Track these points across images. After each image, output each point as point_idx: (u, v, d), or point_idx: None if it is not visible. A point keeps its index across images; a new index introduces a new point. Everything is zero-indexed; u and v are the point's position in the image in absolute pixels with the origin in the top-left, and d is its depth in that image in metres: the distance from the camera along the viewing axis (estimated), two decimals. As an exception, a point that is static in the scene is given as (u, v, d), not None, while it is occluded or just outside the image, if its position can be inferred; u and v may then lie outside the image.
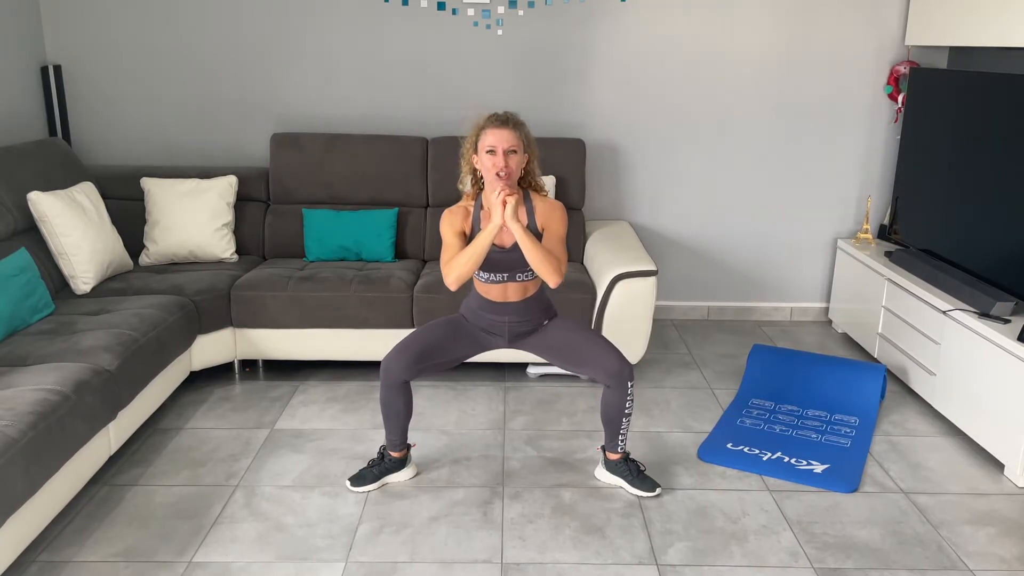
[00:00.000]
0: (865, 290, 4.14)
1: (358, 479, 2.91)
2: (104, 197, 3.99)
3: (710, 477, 3.02)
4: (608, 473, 2.96)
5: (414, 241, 4.17)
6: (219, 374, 3.84)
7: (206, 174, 4.10)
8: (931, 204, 3.87)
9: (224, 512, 2.76)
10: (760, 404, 3.56)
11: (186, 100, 4.37)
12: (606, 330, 3.62)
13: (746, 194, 4.56)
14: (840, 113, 4.44)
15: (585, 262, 4.07)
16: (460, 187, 2.78)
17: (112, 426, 2.88)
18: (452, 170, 4.12)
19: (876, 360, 4.03)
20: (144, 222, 3.98)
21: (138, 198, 4.04)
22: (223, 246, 3.96)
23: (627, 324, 3.62)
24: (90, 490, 2.87)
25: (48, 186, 3.58)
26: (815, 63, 4.36)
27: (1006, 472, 3.05)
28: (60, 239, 3.44)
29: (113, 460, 3.07)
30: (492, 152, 2.59)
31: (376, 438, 3.25)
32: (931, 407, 3.58)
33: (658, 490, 2.88)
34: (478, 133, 2.64)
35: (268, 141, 4.34)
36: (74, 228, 3.47)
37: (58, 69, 4.26)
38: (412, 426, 3.13)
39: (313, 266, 3.92)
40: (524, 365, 3.92)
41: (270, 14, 4.26)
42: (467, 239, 2.71)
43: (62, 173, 3.75)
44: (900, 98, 4.31)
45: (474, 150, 2.66)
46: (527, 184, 2.73)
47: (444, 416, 3.47)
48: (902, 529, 2.71)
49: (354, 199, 4.20)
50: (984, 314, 3.21)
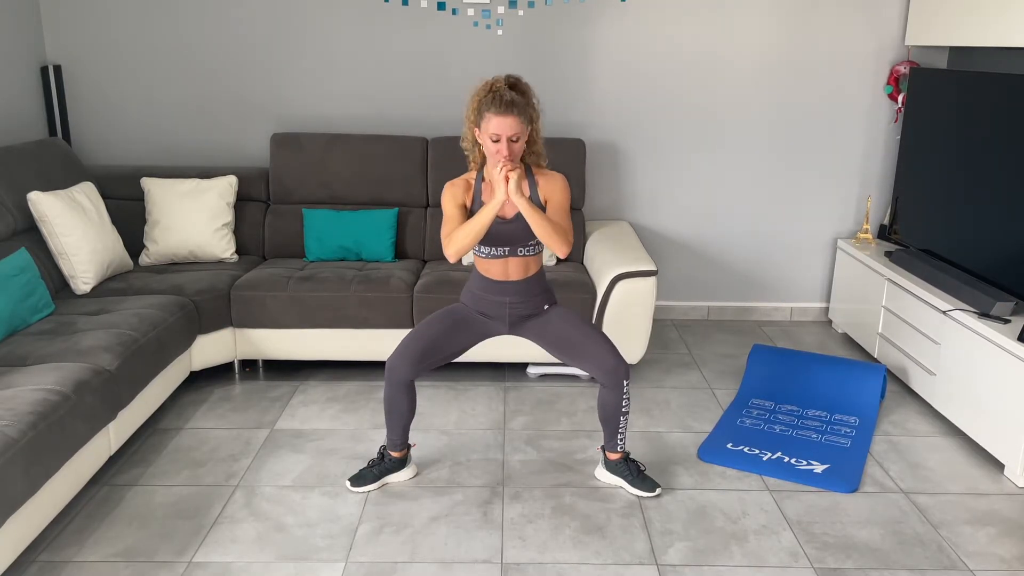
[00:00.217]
0: (865, 290, 4.14)
1: (358, 479, 2.91)
2: (104, 197, 4.00)
3: (710, 477, 3.02)
4: (608, 473, 2.96)
5: (414, 241, 4.17)
6: (219, 374, 3.84)
7: (206, 174, 4.10)
8: (931, 204, 3.87)
9: (224, 512, 2.76)
10: (760, 404, 3.56)
11: (186, 100, 4.37)
12: (606, 330, 3.62)
13: (746, 194, 4.56)
14: (840, 113, 4.44)
15: (585, 262, 4.07)
16: (464, 149, 2.75)
17: (112, 426, 2.88)
18: (452, 170, 4.13)
19: (876, 360, 4.03)
20: (144, 222, 3.98)
21: (138, 198, 4.04)
22: (223, 246, 3.96)
23: (627, 324, 3.62)
24: (90, 490, 2.87)
25: (48, 186, 3.58)
26: (815, 63, 4.36)
27: (1006, 472, 3.05)
28: (60, 239, 3.44)
29: (113, 460, 3.07)
30: (496, 139, 2.56)
31: (376, 438, 3.25)
32: (931, 407, 3.58)
33: (658, 490, 2.88)
34: (479, 111, 2.58)
35: (268, 141, 4.34)
36: (74, 228, 3.47)
37: (58, 69, 4.26)
38: (412, 426, 3.13)
39: (313, 266, 3.92)
40: (524, 365, 3.92)
41: (270, 14, 4.26)
42: (468, 212, 2.71)
43: (62, 173, 3.75)
44: (900, 98, 4.31)
45: (475, 124, 2.62)
46: (528, 154, 2.71)
47: (444, 416, 3.47)
48: (902, 529, 2.71)
49: (354, 199, 4.20)
50: (984, 314, 3.20)
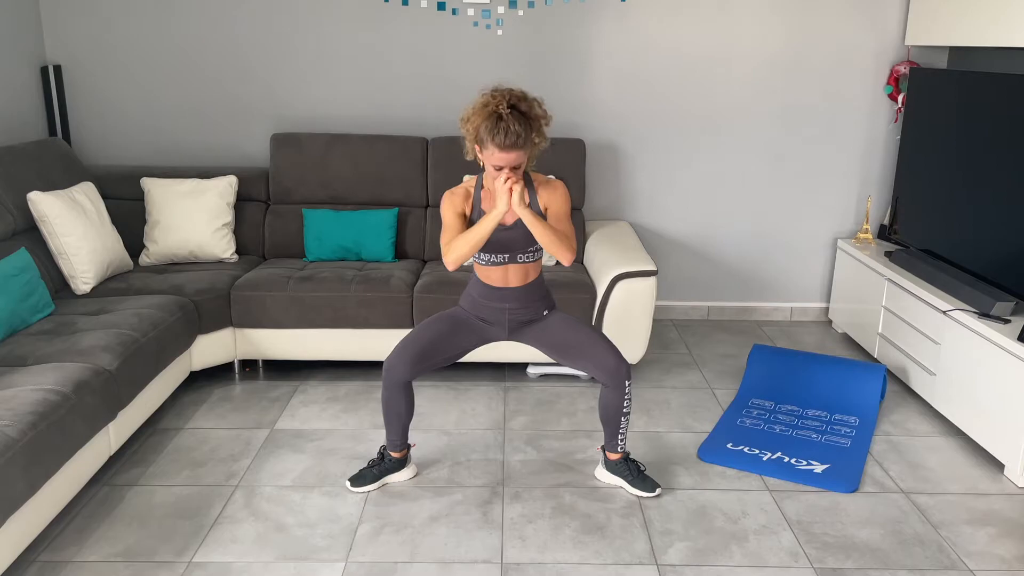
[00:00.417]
0: (865, 290, 4.14)
1: (358, 479, 2.91)
2: (104, 197, 4.00)
3: (710, 477, 3.02)
4: (608, 473, 2.96)
5: (414, 241, 4.17)
6: (219, 374, 3.84)
7: (206, 174, 4.10)
8: (931, 204, 3.87)
9: (224, 512, 2.76)
10: (760, 404, 3.56)
11: (186, 100, 4.37)
12: (606, 330, 3.62)
13: (746, 194, 4.56)
14: (840, 113, 4.44)
15: (585, 262, 4.07)
16: (466, 156, 2.74)
17: (112, 426, 2.88)
18: (452, 170, 4.14)
19: (876, 360, 4.03)
20: (144, 222, 3.98)
21: (138, 198, 4.04)
22: (223, 246, 3.96)
23: (627, 324, 3.62)
24: (90, 490, 2.87)
25: (48, 186, 3.58)
26: (815, 63, 4.36)
27: (1006, 472, 3.05)
28: (60, 239, 3.44)
29: (113, 460, 3.07)
30: (499, 168, 2.54)
31: (376, 438, 3.25)
32: (931, 407, 3.58)
33: (658, 490, 2.88)
34: (480, 136, 2.55)
35: (268, 141, 4.34)
36: (74, 228, 3.47)
37: (58, 69, 4.26)
38: (412, 426, 3.13)
39: (313, 266, 3.92)
40: (524, 365, 3.92)
41: (270, 14, 4.26)
42: (467, 220, 2.71)
43: (62, 173, 3.75)
44: (900, 98, 4.31)
45: (476, 142, 2.58)
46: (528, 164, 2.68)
47: (444, 416, 3.46)
48: (902, 529, 2.71)
49: (354, 199, 4.20)
50: (984, 314, 3.20)
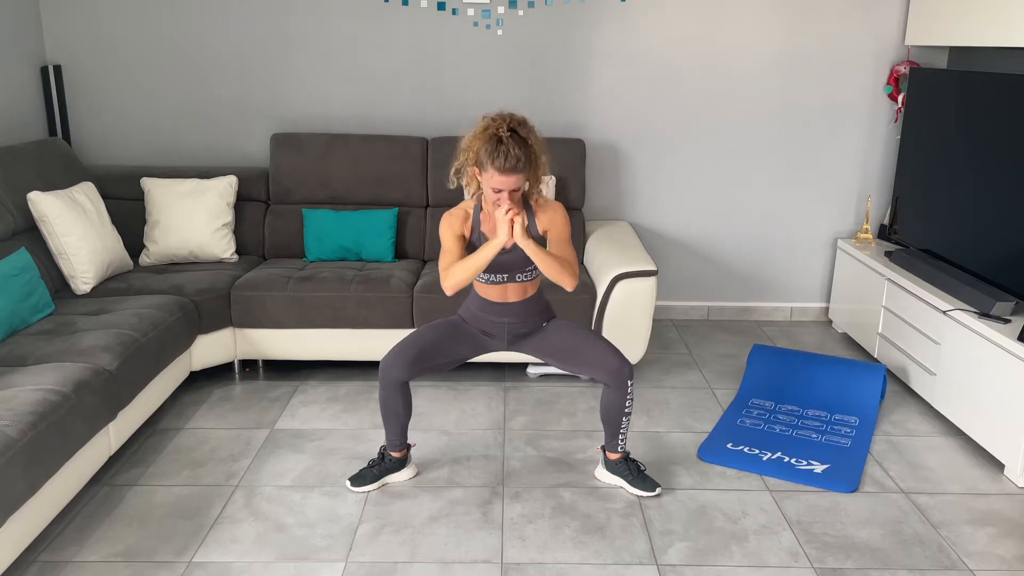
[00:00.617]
0: (865, 290, 4.14)
1: (358, 479, 2.91)
2: (104, 197, 4.00)
3: (710, 477, 3.02)
4: (608, 473, 2.96)
5: (414, 241, 4.17)
6: (219, 374, 3.84)
7: (206, 174, 4.10)
8: (931, 204, 3.87)
9: (224, 512, 2.76)
10: (760, 404, 3.56)
11: (186, 100, 4.37)
12: (606, 330, 3.62)
13: (746, 194, 4.56)
14: (840, 113, 4.44)
15: (585, 262, 4.07)
16: (463, 186, 2.72)
17: (112, 426, 2.88)
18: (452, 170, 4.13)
19: (876, 360, 4.03)
20: (144, 222, 3.98)
21: (138, 198, 4.04)
22: (223, 246, 3.96)
23: (627, 324, 3.62)
24: (90, 490, 2.87)
25: (48, 186, 3.58)
26: (815, 63, 4.36)
27: (1006, 472, 3.05)
28: (60, 239, 3.44)
29: (113, 460, 3.07)
30: (498, 191, 2.54)
31: (376, 438, 3.25)
32: (931, 407, 3.58)
33: (658, 490, 2.88)
34: (480, 160, 2.53)
35: (268, 141, 4.34)
36: (74, 228, 3.47)
37: (58, 69, 4.26)
38: (412, 426, 3.13)
39: (313, 266, 3.92)
40: (524, 365, 3.92)
41: (270, 14, 4.26)
42: (466, 242, 2.71)
43: (62, 173, 3.75)
44: (900, 98, 4.31)
45: (475, 165, 2.58)
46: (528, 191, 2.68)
47: (444, 416, 3.46)
48: (902, 529, 2.71)
49: (354, 199, 4.20)
50: (984, 314, 3.20)
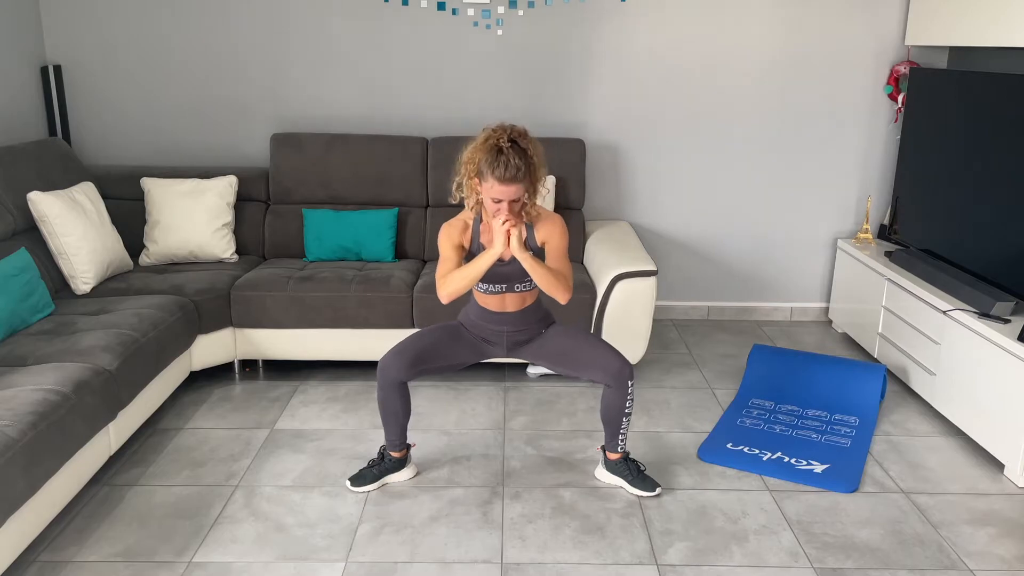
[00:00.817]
0: (865, 290, 4.14)
1: (358, 479, 2.91)
2: (104, 197, 3.99)
3: (710, 477, 3.02)
4: (608, 473, 2.96)
5: (414, 241, 4.17)
6: (219, 374, 3.84)
7: (206, 174, 4.10)
8: (931, 204, 3.86)
9: (224, 512, 2.76)
10: (760, 404, 3.56)
11: (186, 100, 4.37)
12: (606, 330, 3.62)
13: (746, 194, 4.56)
14: (840, 113, 4.44)
15: (585, 262, 4.07)
16: (464, 199, 2.72)
17: (112, 426, 2.88)
18: (452, 170, 4.12)
19: (876, 360, 4.03)
20: (144, 222, 3.98)
21: (138, 198, 4.04)
22: (223, 246, 3.96)
23: (627, 324, 3.62)
24: (90, 490, 2.87)
25: (48, 186, 3.58)
26: (815, 63, 4.36)
27: (1006, 472, 3.05)
28: (60, 239, 3.44)
29: (113, 460, 3.07)
30: (497, 201, 2.54)
31: (376, 438, 3.25)
32: (931, 407, 3.58)
33: (658, 490, 2.88)
34: (480, 170, 2.54)
35: (268, 141, 4.33)
36: (74, 228, 3.47)
37: (58, 69, 4.26)
38: (412, 426, 3.13)
39: (313, 266, 3.92)
40: (524, 365, 3.92)
41: (270, 14, 4.26)
42: (465, 253, 2.71)
43: (62, 173, 3.75)
44: (900, 98, 4.31)
45: (475, 176, 2.58)
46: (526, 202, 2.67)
47: (444, 416, 3.46)
48: (902, 529, 2.71)
49: (354, 199, 4.20)
50: (984, 314, 3.20)
